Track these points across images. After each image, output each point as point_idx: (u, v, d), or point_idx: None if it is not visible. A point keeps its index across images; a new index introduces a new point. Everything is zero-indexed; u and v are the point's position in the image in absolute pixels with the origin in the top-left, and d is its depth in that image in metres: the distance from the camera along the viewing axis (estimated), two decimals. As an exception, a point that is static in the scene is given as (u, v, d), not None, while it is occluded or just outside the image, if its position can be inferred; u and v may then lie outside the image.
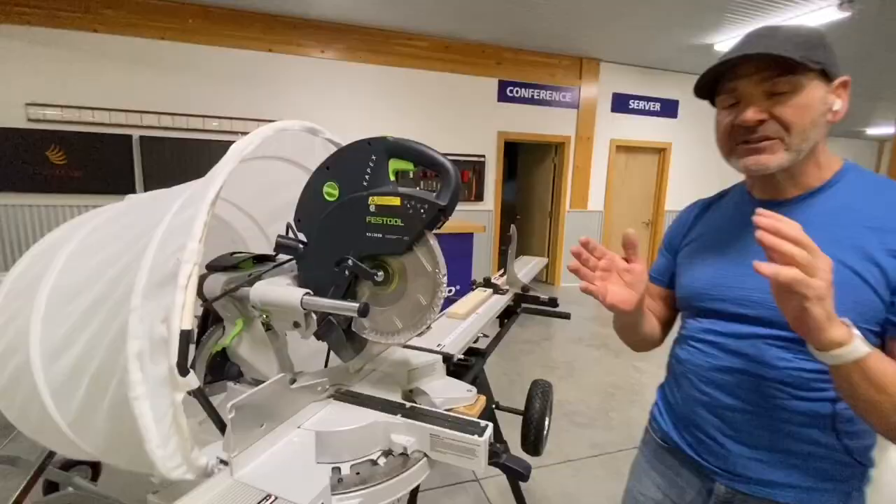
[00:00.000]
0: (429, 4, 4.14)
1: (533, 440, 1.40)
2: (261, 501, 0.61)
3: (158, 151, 4.30)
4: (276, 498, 0.62)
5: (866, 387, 0.54)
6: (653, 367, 3.32)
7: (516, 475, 0.80)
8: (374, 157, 0.78)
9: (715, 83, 0.71)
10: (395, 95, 5.02)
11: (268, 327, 0.98)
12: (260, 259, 1.01)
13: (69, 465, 1.82)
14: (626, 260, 0.71)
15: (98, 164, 4.15)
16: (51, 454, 1.43)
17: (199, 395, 0.65)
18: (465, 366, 1.23)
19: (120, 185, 4.22)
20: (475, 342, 1.36)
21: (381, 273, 0.82)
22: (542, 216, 6.22)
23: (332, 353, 1.05)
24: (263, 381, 0.75)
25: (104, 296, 0.73)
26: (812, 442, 0.68)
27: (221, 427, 0.70)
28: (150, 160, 4.28)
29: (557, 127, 5.71)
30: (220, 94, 4.41)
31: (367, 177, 0.78)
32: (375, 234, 0.78)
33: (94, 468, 1.97)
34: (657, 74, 5.94)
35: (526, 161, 6.64)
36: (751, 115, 0.65)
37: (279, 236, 0.87)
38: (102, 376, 0.72)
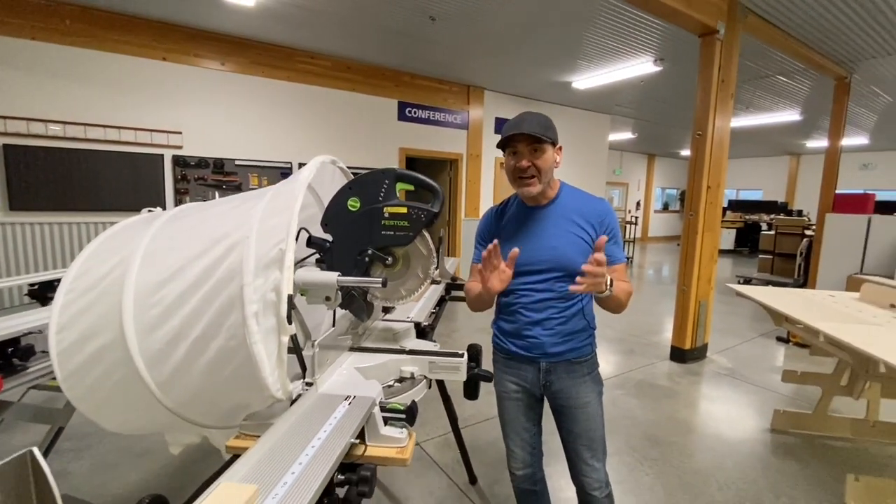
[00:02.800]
0: (329, 28, 4.43)
1: (472, 388, 1.86)
2: (346, 398, 0.97)
3: (28, 161, 3.86)
4: (355, 396, 0.98)
5: (612, 302, 1.24)
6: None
7: (485, 379, 1.26)
8: (386, 181, 1.17)
9: (505, 142, 1.27)
10: (300, 110, 5.18)
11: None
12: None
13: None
14: (508, 266, 1.23)
15: (-57, 174, 3.59)
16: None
17: (293, 339, 0.98)
18: (425, 331, 1.65)
19: (-26, 198, 3.70)
20: (429, 316, 1.78)
21: (390, 259, 1.21)
22: (440, 224, 6.82)
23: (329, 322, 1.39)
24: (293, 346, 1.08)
25: (200, 281, 0.99)
26: (577, 324, 1.34)
27: (302, 365, 1.03)
28: (18, 170, 3.82)
29: (451, 145, 6.40)
30: (106, 101, 4.13)
31: (381, 194, 1.17)
32: (389, 232, 1.17)
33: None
34: (530, 103, 7.00)
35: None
36: (524, 163, 1.26)
37: (311, 236, 1.20)
38: (203, 339, 0.99)
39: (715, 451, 2.49)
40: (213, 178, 4.70)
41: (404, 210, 1.16)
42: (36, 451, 0.57)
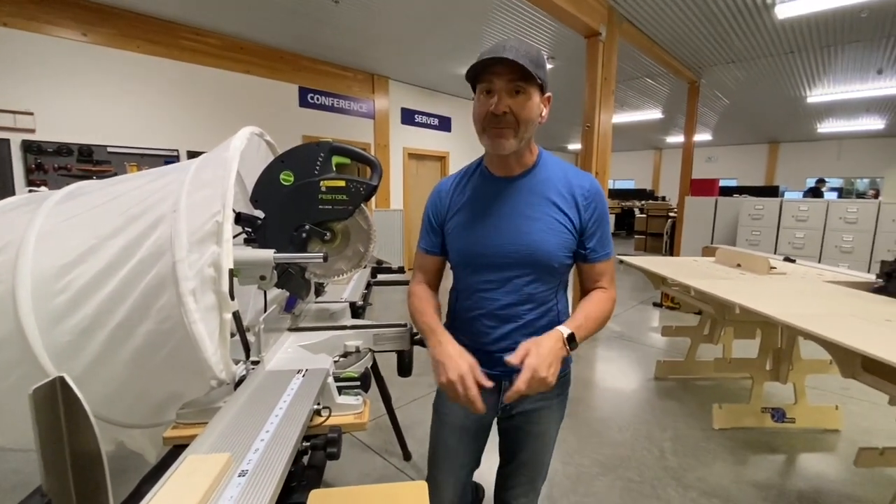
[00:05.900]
0: (217, 1, 4.05)
1: (406, 365, 1.91)
2: (298, 372, 0.95)
3: None
4: (306, 370, 0.97)
5: (585, 336, 0.93)
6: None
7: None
8: (321, 155, 1.15)
9: (476, 74, 0.92)
10: (186, 92, 4.66)
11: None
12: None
13: None
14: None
15: None
16: None
17: (236, 316, 0.93)
18: (358, 311, 1.66)
19: None
20: (361, 297, 1.78)
21: (328, 234, 1.20)
22: (349, 216, 6.67)
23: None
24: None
25: (119, 261, 0.89)
26: (550, 329, 0.93)
27: (245, 345, 0.98)
28: None
29: (358, 134, 6.26)
30: (-82, 71, 3.31)
31: (317, 168, 1.15)
32: (327, 206, 1.16)
33: None
34: (434, 95, 7.13)
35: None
36: (500, 107, 0.89)
37: (239, 213, 1.14)
38: (127, 325, 0.89)
39: (613, 400, 2.86)
40: (80, 167, 4.03)
41: (342, 183, 1.15)
42: (66, 376, 0.52)
